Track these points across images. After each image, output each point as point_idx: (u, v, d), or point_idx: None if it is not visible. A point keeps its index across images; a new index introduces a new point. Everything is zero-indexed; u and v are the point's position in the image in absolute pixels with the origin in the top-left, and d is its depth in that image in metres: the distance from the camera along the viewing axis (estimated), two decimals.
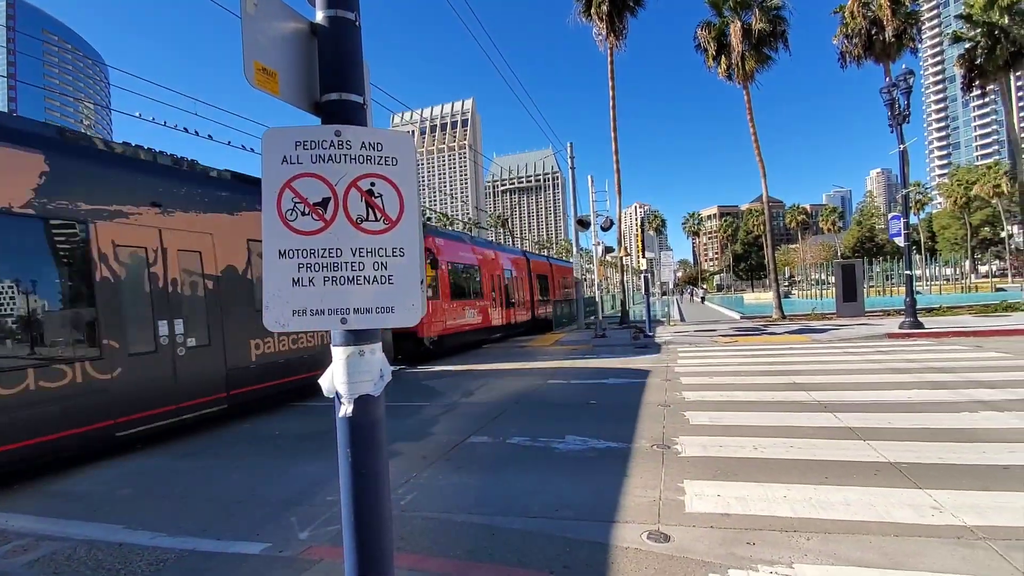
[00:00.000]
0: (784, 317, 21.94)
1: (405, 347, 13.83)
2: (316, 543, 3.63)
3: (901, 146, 15.61)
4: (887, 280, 41.46)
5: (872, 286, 37.40)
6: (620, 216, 23.62)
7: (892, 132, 15.44)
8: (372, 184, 1.72)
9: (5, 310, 5.56)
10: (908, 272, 15.43)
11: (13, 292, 5.63)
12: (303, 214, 1.67)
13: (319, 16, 1.83)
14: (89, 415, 6.05)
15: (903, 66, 15.19)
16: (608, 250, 26.67)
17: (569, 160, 22.62)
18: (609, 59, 23.85)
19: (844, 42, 24.63)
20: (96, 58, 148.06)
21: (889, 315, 20.09)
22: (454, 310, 16.15)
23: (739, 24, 21.59)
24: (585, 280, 27.43)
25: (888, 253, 59.56)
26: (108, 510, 4.58)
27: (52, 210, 5.94)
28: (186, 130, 15.24)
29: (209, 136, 16.69)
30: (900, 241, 15.67)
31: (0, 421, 5.23)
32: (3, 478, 5.29)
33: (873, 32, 23.32)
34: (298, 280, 1.65)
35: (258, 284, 8.58)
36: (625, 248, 27.28)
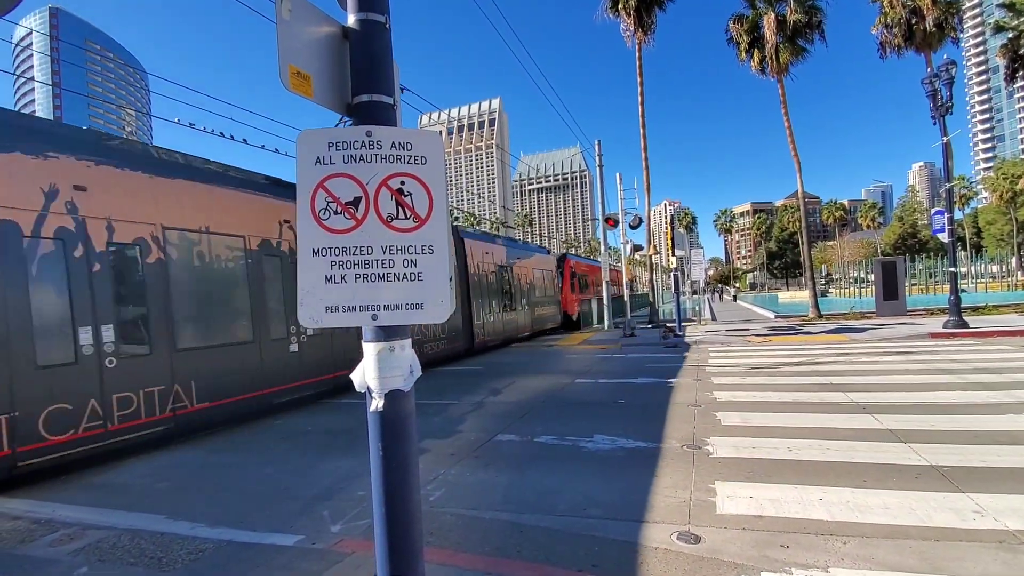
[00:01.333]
0: (821, 316, 21.34)
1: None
2: (348, 536, 3.71)
3: (944, 139, 14.99)
4: (930, 278, 39.89)
5: (914, 284, 36.04)
6: (649, 214, 23.34)
7: (935, 124, 14.86)
8: (402, 183, 1.75)
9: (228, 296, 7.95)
10: (952, 269, 14.82)
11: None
12: (335, 213, 1.71)
13: (350, 19, 1.87)
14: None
15: (945, 56, 14.58)
16: (637, 248, 26.37)
17: (597, 158, 22.47)
18: (637, 55, 23.57)
19: (883, 32, 23.77)
20: (136, 66, 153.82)
21: (932, 314, 19.34)
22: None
23: (773, 16, 21.07)
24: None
25: (931, 250, 57.11)
26: (149, 501, 4.77)
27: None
28: (222, 134, 15.73)
29: (244, 140, 17.22)
30: (944, 237, 15.07)
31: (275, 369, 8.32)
32: (55, 471, 5.56)
33: (913, 21, 22.45)
34: (331, 277, 1.70)
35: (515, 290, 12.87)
36: (654, 246, 26.96)
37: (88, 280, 5.92)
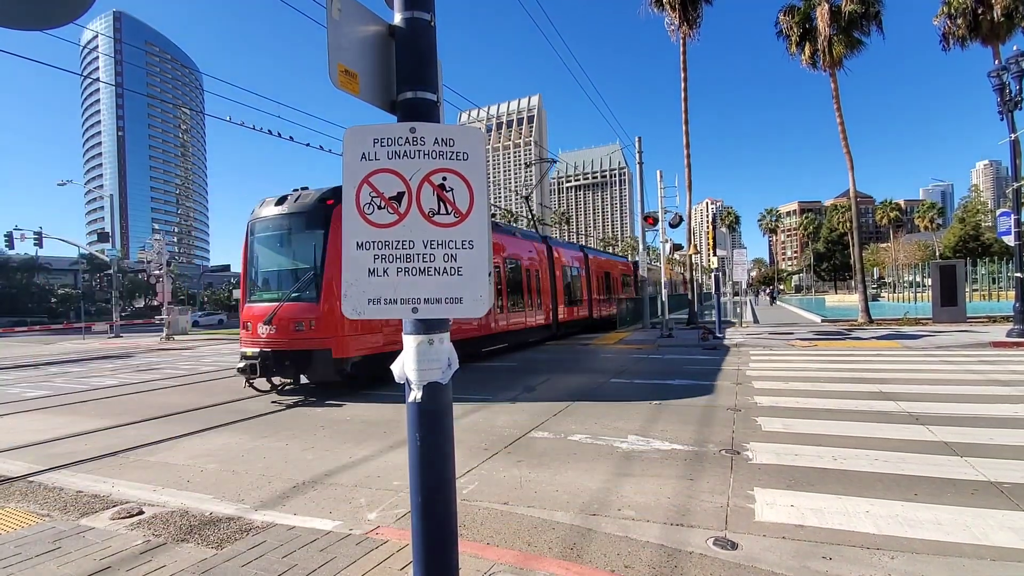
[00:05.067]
0: (871, 321, 20.42)
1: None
2: (384, 524, 3.79)
3: (1012, 135, 14.07)
4: (993, 283, 37.48)
5: (975, 290, 33.96)
6: (690, 212, 22.83)
7: (1002, 120, 13.99)
8: (444, 179, 1.77)
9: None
10: (1019, 275, 13.91)
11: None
12: (379, 208, 1.75)
13: (397, 18, 1.90)
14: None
15: (1014, 47, 13.65)
16: (676, 248, 25.86)
17: (637, 155, 22.12)
18: (681, 49, 23.06)
19: (947, 23, 22.48)
20: (192, 66, 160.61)
21: (995, 322, 18.22)
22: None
23: (827, 7, 20.22)
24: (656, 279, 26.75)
25: (995, 254, 53.64)
26: (198, 481, 5.01)
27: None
28: (270, 132, 16.33)
29: (291, 138, 17.86)
30: (1010, 240, 14.17)
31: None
32: (116, 452, 5.90)
33: (979, 11, 21.13)
34: (374, 270, 1.74)
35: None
36: (695, 246, 26.37)
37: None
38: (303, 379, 10.07)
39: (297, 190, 10.49)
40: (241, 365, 9.34)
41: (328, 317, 9.23)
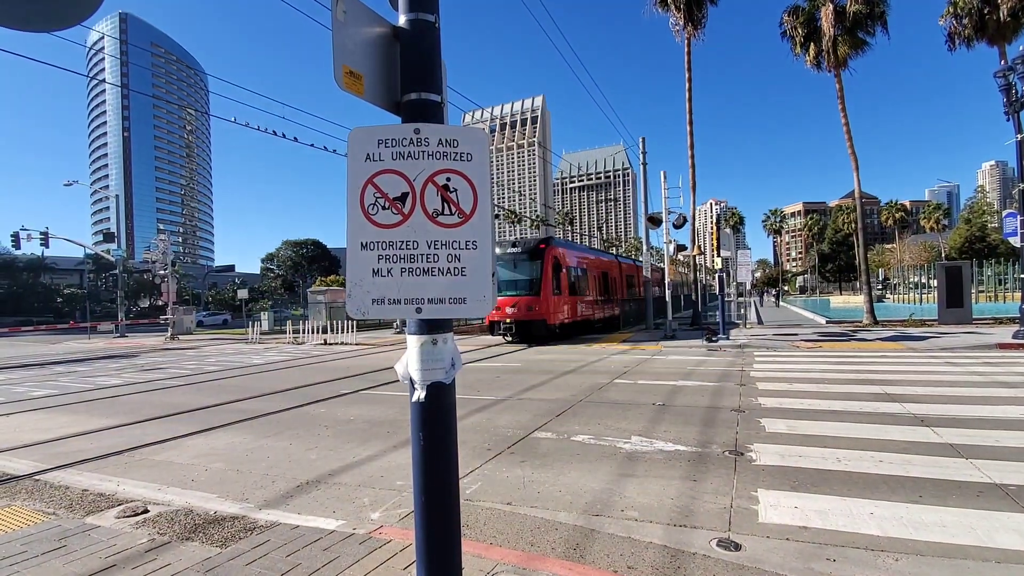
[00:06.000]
0: (876, 322, 20.34)
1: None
2: (387, 524, 3.80)
3: (1018, 136, 13.97)
4: (999, 284, 37.21)
5: (982, 291, 33.73)
6: (694, 213, 22.79)
7: (1008, 120, 13.88)
8: (448, 179, 1.78)
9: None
10: None
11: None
12: (383, 208, 1.76)
13: (401, 20, 1.91)
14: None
15: (1020, 47, 13.57)
16: (680, 248, 25.85)
17: (641, 155, 22.10)
18: (686, 50, 23.04)
19: (952, 22, 22.39)
20: (197, 67, 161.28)
21: (1001, 323, 18.13)
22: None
23: (831, 7, 20.15)
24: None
25: (1002, 255, 53.26)
26: (203, 480, 5.03)
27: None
28: (275, 133, 16.41)
29: (295, 139, 17.99)
30: (1016, 241, 14.10)
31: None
32: (121, 451, 5.94)
33: (985, 11, 21.01)
34: (378, 271, 1.75)
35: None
36: (699, 247, 26.31)
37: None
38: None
39: (520, 238, 21.51)
40: (500, 330, 19.17)
41: (544, 303, 18.35)
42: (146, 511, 4.15)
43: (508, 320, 18.38)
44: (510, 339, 19.03)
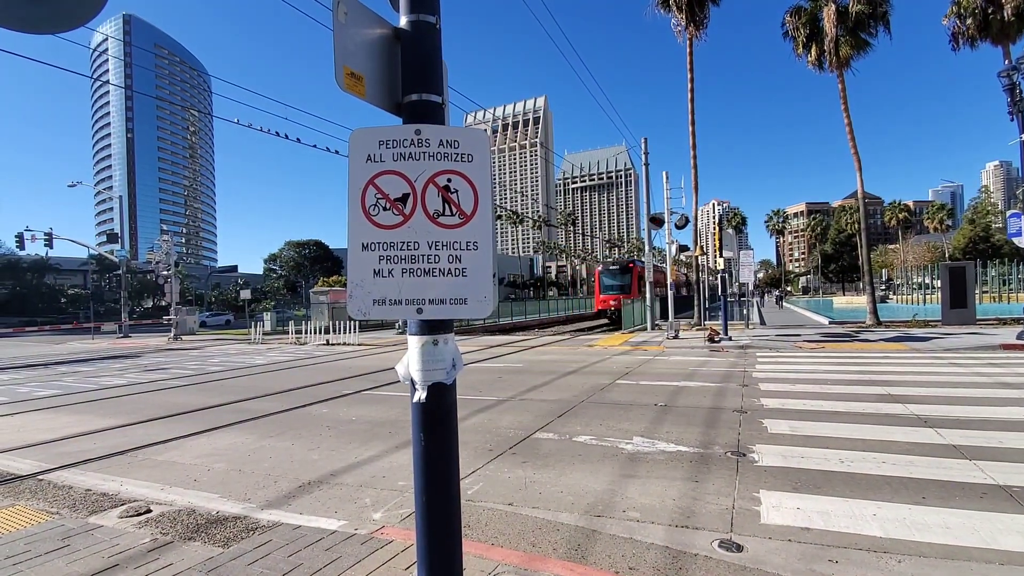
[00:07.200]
0: (880, 323, 20.28)
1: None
2: (389, 524, 3.81)
3: (1022, 136, 13.93)
4: (1004, 285, 37.06)
5: (985, 291, 33.58)
6: (696, 214, 22.75)
7: (1012, 120, 13.83)
8: (448, 180, 1.78)
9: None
10: None
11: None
12: (384, 209, 1.76)
13: (402, 21, 1.92)
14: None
15: None
16: (683, 249, 25.80)
17: (643, 156, 22.09)
18: (688, 51, 23.02)
19: (956, 22, 22.31)
20: (200, 69, 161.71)
21: (1005, 324, 18.06)
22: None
23: (834, 7, 20.10)
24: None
25: (1006, 255, 52.99)
26: (205, 480, 5.04)
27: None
28: (277, 134, 16.44)
29: (298, 139, 18.00)
30: (1020, 242, 14.05)
31: None
32: (125, 451, 5.96)
33: (989, 11, 20.94)
34: (379, 271, 1.75)
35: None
36: (701, 247, 26.25)
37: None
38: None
39: (617, 259, 50.02)
40: (608, 315, 33.56)
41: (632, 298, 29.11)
42: (149, 511, 4.17)
43: (612, 307, 32.08)
44: (609, 322, 32.77)
